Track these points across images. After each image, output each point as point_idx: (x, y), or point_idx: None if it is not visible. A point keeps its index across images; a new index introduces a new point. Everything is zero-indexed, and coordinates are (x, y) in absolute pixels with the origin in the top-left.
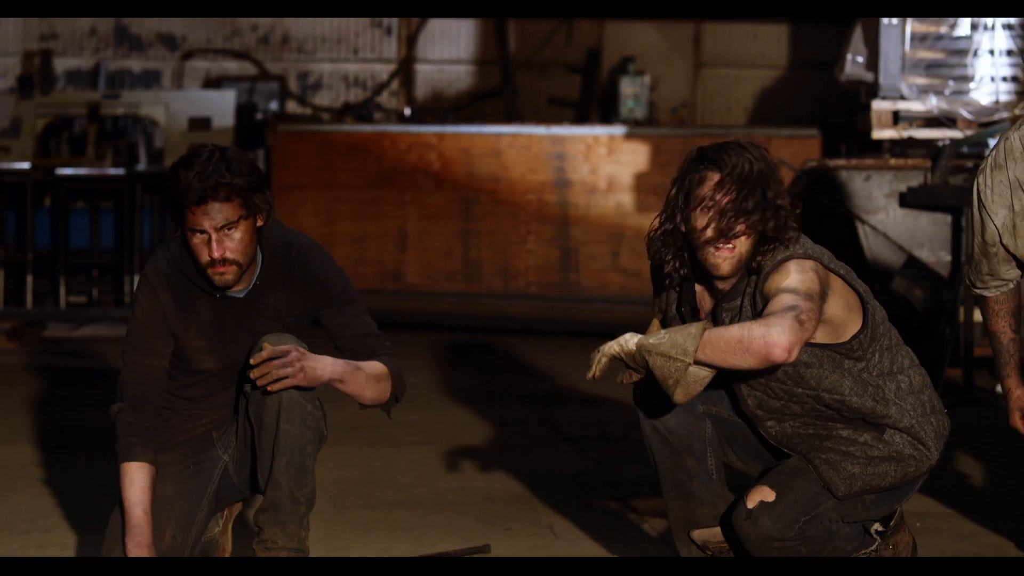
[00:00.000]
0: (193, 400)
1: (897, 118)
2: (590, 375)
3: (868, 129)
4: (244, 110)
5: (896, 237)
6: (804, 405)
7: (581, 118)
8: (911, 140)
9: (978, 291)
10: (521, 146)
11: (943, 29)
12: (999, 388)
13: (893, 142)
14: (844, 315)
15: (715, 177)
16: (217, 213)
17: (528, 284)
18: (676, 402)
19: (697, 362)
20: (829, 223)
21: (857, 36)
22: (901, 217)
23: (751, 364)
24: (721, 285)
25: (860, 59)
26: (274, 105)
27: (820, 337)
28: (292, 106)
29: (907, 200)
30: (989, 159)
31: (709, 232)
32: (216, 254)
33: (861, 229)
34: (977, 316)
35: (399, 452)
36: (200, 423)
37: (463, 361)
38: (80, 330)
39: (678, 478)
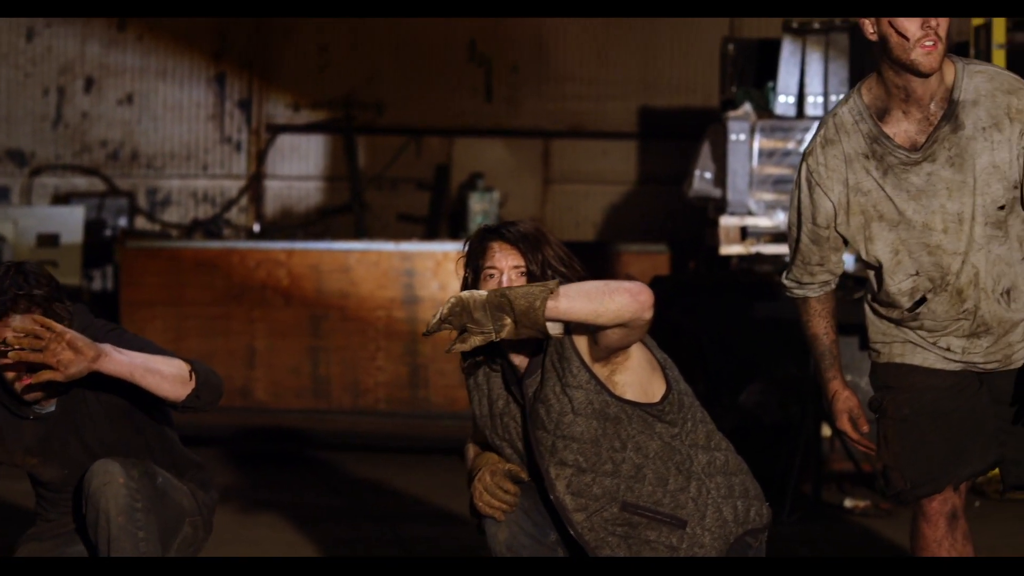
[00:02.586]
0: (61, 497)
1: (745, 234)
2: (434, 322)
3: (716, 244)
4: (93, 226)
5: (744, 353)
6: (609, 479)
7: (430, 234)
8: (759, 256)
9: (802, 291)
10: (370, 262)
11: (790, 145)
12: (847, 502)
13: (741, 257)
14: (649, 371)
15: (496, 245)
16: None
17: (377, 401)
18: (550, 331)
19: (551, 319)
20: (677, 339)
21: (705, 152)
22: (749, 332)
23: (619, 304)
24: (517, 361)
25: (708, 175)
26: (123, 221)
27: (631, 395)
28: (141, 222)
29: (755, 315)
30: (817, 139)
31: None
32: None
33: (709, 345)
34: (826, 430)
35: None
36: (73, 518)
37: (312, 478)
38: None
39: None
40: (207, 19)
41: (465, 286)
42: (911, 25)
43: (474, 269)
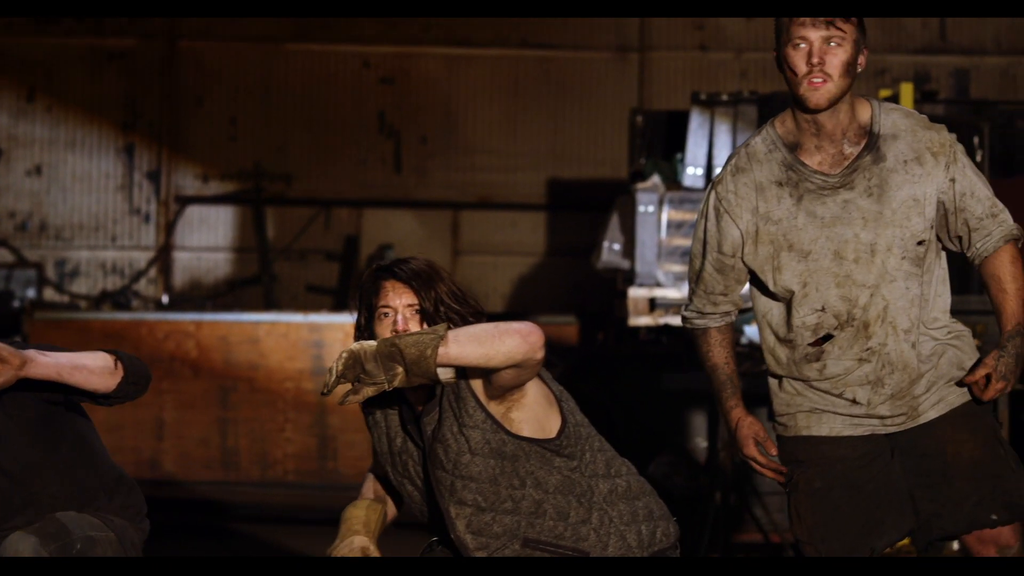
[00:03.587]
0: None
1: (653, 305)
2: (332, 380)
3: (625, 316)
4: (1, 298)
5: (652, 423)
6: (509, 516)
7: (339, 305)
8: (667, 327)
9: (704, 321)
10: (279, 334)
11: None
12: None
13: (649, 329)
14: (545, 405)
15: (389, 284)
16: None
17: (286, 472)
18: (442, 377)
19: (443, 366)
20: (586, 410)
21: (614, 224)
22: (657, 403)
23: (510, 347)
24: (413, 399)
25: (617, 246)
26: (31, 292)
27: (527, 431)
28: (50, 293)
29: (664, 386)
30: (728, 167)
31: (389, 336)
32: None
33: (617, 416)
34: (734, 501)
35: None
36: None
37: (220, 550)
38: None
39: None
40: (116, 90)
41: (359, 326)
42: (799, 62)
43: (368, 308)
